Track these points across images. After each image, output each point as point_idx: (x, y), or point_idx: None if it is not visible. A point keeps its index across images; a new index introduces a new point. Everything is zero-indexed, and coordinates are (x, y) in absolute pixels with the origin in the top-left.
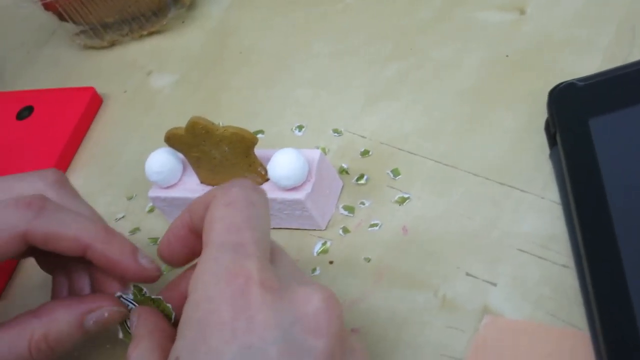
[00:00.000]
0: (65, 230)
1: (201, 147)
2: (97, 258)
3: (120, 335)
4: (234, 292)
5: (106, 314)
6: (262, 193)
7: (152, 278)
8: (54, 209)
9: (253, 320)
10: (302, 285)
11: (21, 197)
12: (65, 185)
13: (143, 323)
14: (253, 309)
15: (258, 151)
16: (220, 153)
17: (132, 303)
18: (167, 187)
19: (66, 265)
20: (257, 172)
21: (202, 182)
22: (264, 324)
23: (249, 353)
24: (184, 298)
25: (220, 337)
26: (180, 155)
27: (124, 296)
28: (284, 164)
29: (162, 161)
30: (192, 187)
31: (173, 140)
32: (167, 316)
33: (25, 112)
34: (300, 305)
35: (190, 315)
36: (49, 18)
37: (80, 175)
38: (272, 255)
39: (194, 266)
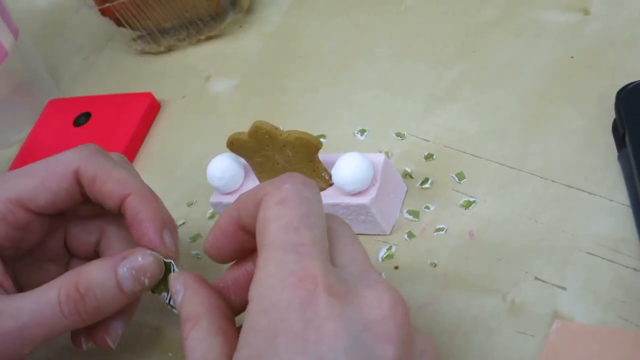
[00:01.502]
0: (111, 174)
1: (264, 152)
2: (131, 210)
3: (167, 299)
4: (303, 299)
5: (140, 258)
6: (314, 187)
7: (162, 254)
8: (104, 156)
9: (322, 329)
10: (368, 288)
11: (80, 146)
12: (103, 154)
13: (196, 296)
14: (321, 317)
15: (321, 155)
16: (284, 158)
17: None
18: (229, 193)
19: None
20: (321, 177)
21: None
22: (333, 333)
23: None
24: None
25: (290, 347)
26: (242, 161)
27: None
28: (348, 168)
29: (224, 167)
30: None
31: (236, 145)
32: None
33: (82, 119)
34: (369, 311)
35: (255, 323)
36: (106, 24)
37: None
38: (337, 244)
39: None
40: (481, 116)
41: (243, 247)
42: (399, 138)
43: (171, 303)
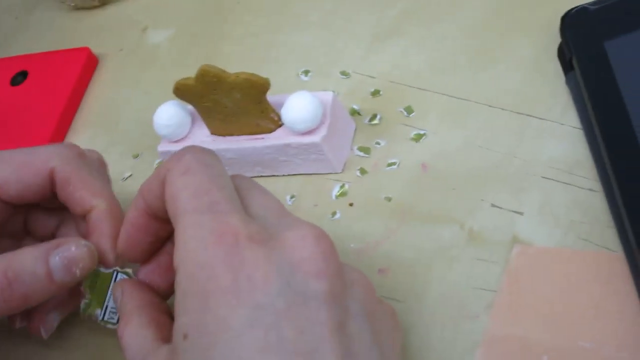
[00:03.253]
0: (85, 181)
1: (212, 96)
2: (94, 221)
3: (87, 297)
4: (227, 252)
5: (73, 248)
6: (213, 153)
7: (105, 263)
8: (82, 161)
9: (252, 277)
10: (290, 229)
11: (60, 144)
12: (82, 158)
13: (129, 297)
14: (249, 266)
15: (269, 97)
16: (232, 101)
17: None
18: (177, 141)
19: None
20: (270, 118)
21: (212, 133)
22: (264, 278)
23: (258, 312)
24: (167, 273)
25: (225, 303)
26: (189, 107)
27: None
28: (298, 107)
29: (170, 114)
30: (202, 139)
31: (183, 90)
32: None
33: (19, 78)
34: (295, 251)
35: (186, 288)
36: None
37: (82, 137)
38: (249, 198)
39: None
40: (426, 51)
41: (158, 236)
42: (343, 77)
43: (105, 318)
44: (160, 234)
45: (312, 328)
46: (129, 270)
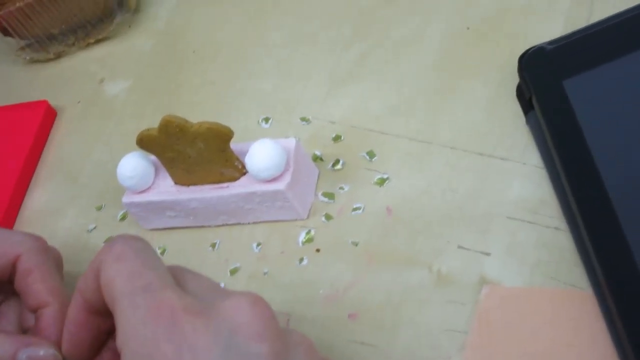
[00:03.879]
0: (45, 277)
1: (175, 146)
2: (46, 319)
3: None
4: (165, 326)
5: (41, 352)
6: (144, 240)
7: None
8: (46, 256)
9: (194, 347)
10: (226, 299)
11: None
12: (47, 254)
13: None
14: (189, 336)
15: (232, 146)
16: (196, 151)
17: None
18: (141, 192)
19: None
20: (234, 166)
21: (176, 183)
22: (206, 347)
23: None
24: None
25: None
26: (152, 158)
27: None
28: (261, 155)
29: (133, 165)
30: (166, 190)
31: (146, 141)
32: None
33: None
34: (232, 317)
35: None
36: None
37: (44, 191)
38: (183, 281)
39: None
40: (385, 94)
41: (100, 331)
42: (304, 123)
43: None
44: (102, 328)
45: None
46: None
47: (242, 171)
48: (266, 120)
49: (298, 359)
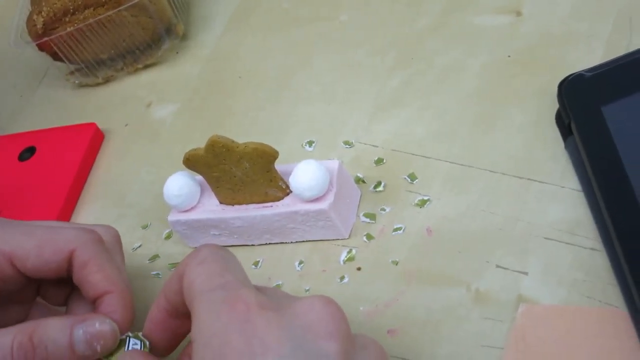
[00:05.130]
0: (103, 267)
1: (221, 165)
2: (107, 306)
3: None
4: (240, 319)
5: (97, 324)
6: (227, 249)
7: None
8: (101, 247)
9: (265, 341)
10: (297, 301)
11: (82, 227)
12: (101, 244)
13: None
14: (261, 330)
15: (277, 167)
16: (241, 170)
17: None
18: (186, 211)
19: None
20: (278, 186)
21: (221, 203)
22: (277, 342)
23: None
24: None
25: None
26: (198, 178)
27: None
28: (306, 175)
29: (180, 184)
30: (211, 208)
31: (192, 161)
32: None
33: (27, 154)
34: (304, 315)
35: (202, 356)
36: (40, 59)
37: (91, 210)
38: (259, 288)
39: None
40: (427, 120)
41: (177, 333)
42: (347, 146)
43: None
44: (179, 331)
45: None
46: (140, 335)
47: (286, 191)
48: (310, 143)
49: None
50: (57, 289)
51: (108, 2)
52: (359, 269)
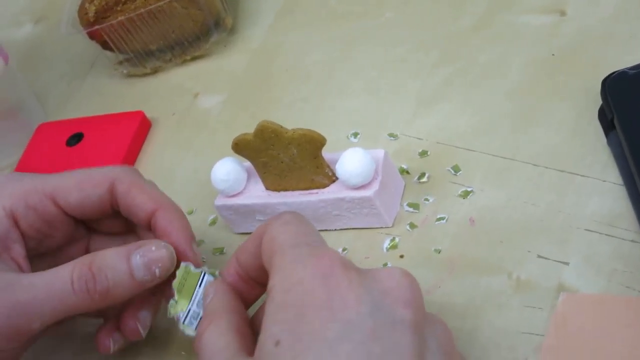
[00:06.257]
0: (144, 188)
1: (269, 151)
2: (162, 222)
3: (175, 297)
4: (324, 273)
5: (154, 248)
6: (308, 220)
7: (193, 263)
8: (138, 174)
9: (345, 297)
10: (378, 270)
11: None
12: (138, 172)
13: (219, 299)
14: (343, 288)
15: (323, 154)
16: (289, 156)
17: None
18: (233, 196)
19: None
20: (325, 173)
21: (267, 189)
22: (356, 300)
23: (350, 328)
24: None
25: (320, 316)
26: (245, 164)
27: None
28: (352, 162)
29: (227, 169)
30: (257, 194)
31: (241, 145)
32: None
33: (74, 139)
34: (384, 281)
35: (281, 300)
36: (89, 48)
37: None
38: None
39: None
40: (470, 114)
41: (243, 299)
42: (392, 138)
43: (185, 322)
44: (246, 296)
45: (396, 349)
46: (216, 272)
47: (332, 178)
48: (355, 135)
49: (434, 336)
50: (106, 245)
51: None
52: (401, 256)
